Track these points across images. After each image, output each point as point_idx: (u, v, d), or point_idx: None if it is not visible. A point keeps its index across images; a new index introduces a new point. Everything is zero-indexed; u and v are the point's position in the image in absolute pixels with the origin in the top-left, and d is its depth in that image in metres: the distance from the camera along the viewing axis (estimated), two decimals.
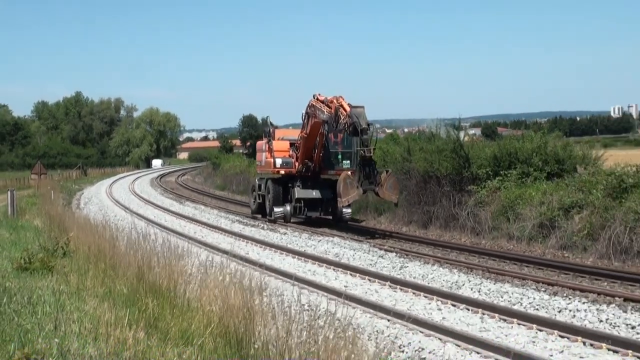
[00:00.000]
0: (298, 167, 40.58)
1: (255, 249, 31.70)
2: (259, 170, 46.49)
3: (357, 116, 32.35)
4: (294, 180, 40.85)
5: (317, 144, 39.48)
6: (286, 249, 30.98)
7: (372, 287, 22.24)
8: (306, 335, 10.61)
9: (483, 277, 23.49)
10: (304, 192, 40.10)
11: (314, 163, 40.24)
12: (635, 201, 26.77)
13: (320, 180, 41.09)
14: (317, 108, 36.54)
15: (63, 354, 9.75)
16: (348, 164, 39.28)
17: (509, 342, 15.17)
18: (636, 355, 14.18)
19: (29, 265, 18.02)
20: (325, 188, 40.12)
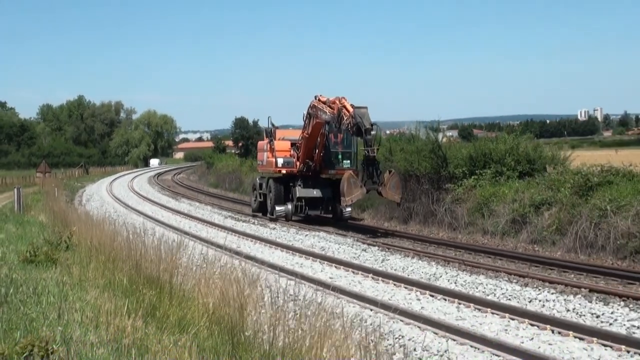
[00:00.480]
0: (299, 167, 39.21)
1: (247, 242, 31.70)
2: (260, 170, 45.11)
3: (360, 116, 31.29)
4: (295, 179, 39.53)
5: (318, 144, 38.28)
6: (275, 243, 31.00)
7: (356, 279, 22.28)
8: (295, 323, 10.65)
9: (459, 270, 23.55)
10: (305, 191, 38.79)
11: (315, 163, 38.91)
12: (599, 199, 26.91)
13: (321, 179, 39.78)
14: (318, 109, 35.33)
15: (66, 341, 9.74)
16: (348, 163, 38.29)
17: (483, 330, 15.23)
18: (600, 342, 14.25)
19: (34, 258, 17.97)
20: (326, 187, 39.01)
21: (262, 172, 44.06)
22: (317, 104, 35.54)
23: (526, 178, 33.22)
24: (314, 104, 36.00)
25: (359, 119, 31.00)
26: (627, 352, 13.55)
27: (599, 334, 14.74)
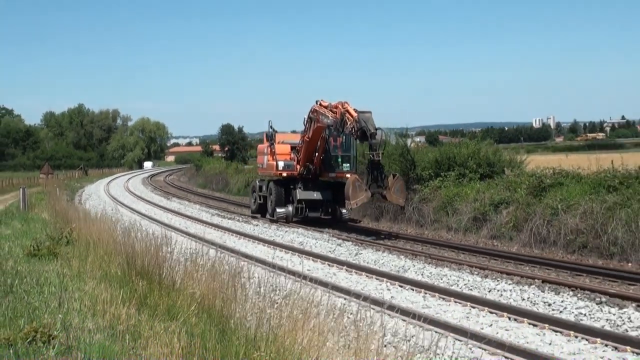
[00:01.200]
0: (299, 170, 37.09)
1: (232, 238, 31.66)
2: (260, 172, 42.41)
3: (365, 121, 29.29)
4: (295, 182, 37.17)
5: (318, 147, 36.24)
6: (258, 238, 30.97)
7: (331, 271, 22.29)
8: (276, 311, 10.65)
9: (425, 262, 23.57)
10: (305, 194, 36.36)
11: (315, 166, 36.89)
12: (552, 198, 27.07)
13: (321, 182, 37.36)
14: (320, 113, 33.27)
15: (66, 328, 9.73)
16: (348, 167, 35.98)
17: (447, 317, 15.27)
18: (552, 328, 14.31)
19: (38, 252, 17.94)
20: (326, 190, 36.72)
21: (262, 175, 41.75)
22: (318, 109, 33.74)
23: (486, 180, 33.34)
24: (315, 108, 34.13)
25: (363, 124, 29.25)
26: (575, 338, 13.61)
27: (550, 320, 14.82)
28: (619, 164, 28.13)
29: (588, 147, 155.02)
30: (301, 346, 8.96)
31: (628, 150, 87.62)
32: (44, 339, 8.98)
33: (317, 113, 33.66)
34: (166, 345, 8.60)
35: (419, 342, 13.04)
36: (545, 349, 12.70)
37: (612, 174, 27.17)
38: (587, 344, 13.21)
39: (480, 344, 12.90)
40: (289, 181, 37.58)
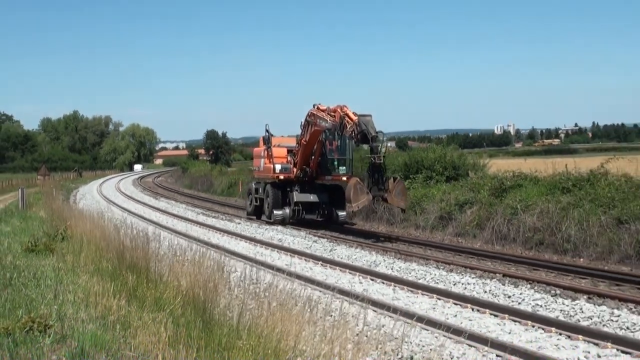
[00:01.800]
0: (296, 173, 34.77)
1: (216, 235, 31.59)
2: (256, 175, 39.38)
3: (365, 124, 27.36)
4: (292, 184, 34.98)
5: (315, 150, 34.01)
6: (240, 235, 30.91)
7: (308, 265, 22.27)
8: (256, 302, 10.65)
9: (395, 258, 23.60)
10: (302, 196, 34.36)
11: (311, 169, 34.60)
12: (511, 199, 27.26)
13: (317, 185, 35.19)
14: (318, 117, 31.24)
15: (61, 318, 9.71)
16: (344, 170, 33.73)
17: (415, 308, 15.29)
18: (511, 318, 14.36)
19: (35, 247, 17.87)
20: (322, 192, 34.72)
21: (259, 178, 38.78)
22: (316, 112, 31.72)
23: (452, 182, 33.58)
24: (312, 112, 32.16)
25: (364, 127, 27.34)
26: (532, 327, 13.67)
27: (510, 311, 14.87)
28: (572, 168, 28.32)
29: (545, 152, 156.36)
30: (280, 335, 8.95)
31: (580, 155, 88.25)
32: (41, 328, 8.97)
33: (314, 117, 31.86)
34: (154, 335, 8.59)
35: (389, 331, 13.06)
36: (505, 338, 12.74)
37: (566, 177, 27.38)
38: (543, 333, 13.28)
39: (445, 333, 12.94)
40: (286, 184, 35.47)
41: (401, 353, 11.75)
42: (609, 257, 22.05)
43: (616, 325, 13.87)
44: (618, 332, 13.22)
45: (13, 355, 7.88)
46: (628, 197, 23.55)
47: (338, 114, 29.12)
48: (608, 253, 22.12)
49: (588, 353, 11.91)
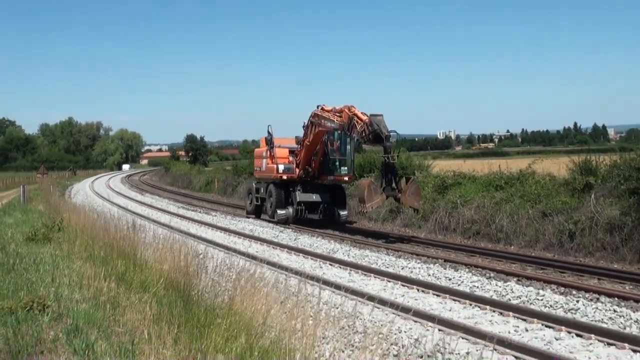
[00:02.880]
0: (299, 173, 31.60)
1: (194, 226, 31.46)
2: (257, 175, 35.50)
3: (377, 124, 24.27)
4: (294, 184, 31.73)
5: (318, 151, 30.86)
6: (216, 226, 30.81)
7: (275, 252, 22.26)
8: (230, 284, 10.64)
9: (351, 246, 23.68)
10: (305, 196, 31.21)
11: (313, 169, 31.27)
12: (452, 195, 27.44)
13: (319, 185, 31.75)
14: (323, 117, 28.06)
15: (57, 299, 9.66)
16: (346, 170, 30.35)
17: (368, 289, 15.35)
18: (451, 298, 14.46)
19: (35, 237, 17.73)
20: (324, 192, 31.49)
21: (260, 178, 35.11)
22: (320, 113, 28.50)
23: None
24: (316, 113, 28.88)
25: (376, 127, 24.18)
26: (470, 305, 13.78)
27: (450, 291, 14.97)
28: (505, 168, 28.59)
29: (481, 155, 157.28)
30: (251, 312, 8.96)
31: (511, 157, 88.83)
32: (40, 307, 8.95)
33: (319, 117, 28.65)
34: (140, 313, 8.57)
35: (344, 309, 13.09)
36: (446, 314, 12.83)
37: (499, 176, 27.63)
38: (479, 310, 13.39)
39: (394, 311, 13.00)
40: (289, 184, 32.13)
41: (355, 328, 11.80)
42: (536, 245, 22.29)
43: (541, 303, 14.03)
44: (543, 309, 13.36)
45: (16, 331, 7.85)
46: (551, 194, 23.82)
47: (346, 114, 26.16)
48: (535, 241, 22.36)
49: (518, 327, 12.04)
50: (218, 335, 7.40)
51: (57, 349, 7.32)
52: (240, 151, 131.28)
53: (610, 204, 21.00)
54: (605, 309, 13.42)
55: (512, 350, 10.37)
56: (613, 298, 14.56)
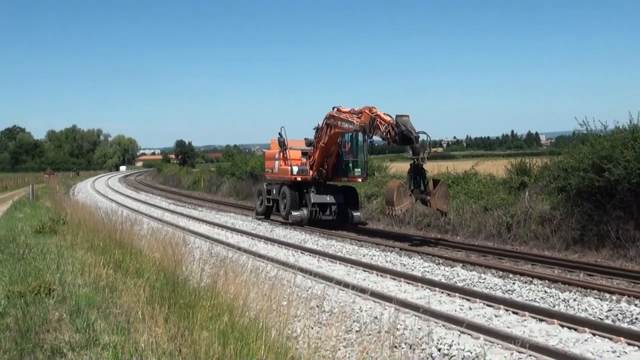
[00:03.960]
0: (313, 174, 28.28)
1: (183, 219, 31.28)
2: (269, 177, 31.48)
3: (404, 124, 21.23)
4: (308, 186, 28.30)
5: (332, 152, 27.83)
6: (202, 220, 30.67)
7: (254, 242, 22.22)
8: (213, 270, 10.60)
9: (319, 236, 23.69)
10: (319, 198, 27.92)
11: (327, 170, 28.29)
12: None
13: (332, 186, 28.88)
14: (340, 119, 24.91)
15: (62, 284, 9.61)
16: (359, 172, 27.68)
17: (334, 274, 15.36)
18: (406, 281, 14.52)
19: (42, 229, 17.62)
20: (338, 193, 28.23)
21: (271, 179, 31.17)
22: (337, 115, 25.29)
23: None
24: (332, 114, 25.66)
25: (403, 127, 21.17)
26: (421, 287, 13.86)
27: (405, 275, 15.04)
28: (452, 169, 28.77)
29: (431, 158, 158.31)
30: (232, 295, 8.93)
31: (458, 160, 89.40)
32: (46, 291, 8.93)
33: (335, 119, 25.47)
34: (135, 295, 8.53)
35: (314, 291, 13.09)
36: (402, 295, 12.88)
37: (447, 176, 27.74)
38: (429, 292, 13.46)
39: (356, 292, 13.03)
40: (302, 185, 28.59)
41: (323, 307, 11.81)
42: (478, 235, 22.45)
43: (483, 285, 14.15)
44: (484, 290, 13.48)
45: (25, 312, 7.82)
46: (492, 191, 24.00)
47: (367, 115, 23.00)
48: (477, 232, 22.53)
49: (463, 306, 12.14)
50: (203, 315, 7.38)
51: (61, 327, 7.29)
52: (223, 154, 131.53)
53: (542, 200, 21.21)
54: (537, 290, 13.57)
55: (456, 325, 10.46)
56: (544, 281, 14.75)
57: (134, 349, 6.20)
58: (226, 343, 6.10)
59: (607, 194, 18.35)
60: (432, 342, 9.68)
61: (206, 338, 6.29)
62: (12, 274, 10.52)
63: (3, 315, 7.83)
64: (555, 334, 10.13)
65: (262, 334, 6.63)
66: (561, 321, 10.68)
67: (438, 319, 10.81)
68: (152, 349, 6.12)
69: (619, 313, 11.35)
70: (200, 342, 6.11)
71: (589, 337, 9.91)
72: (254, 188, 32.35)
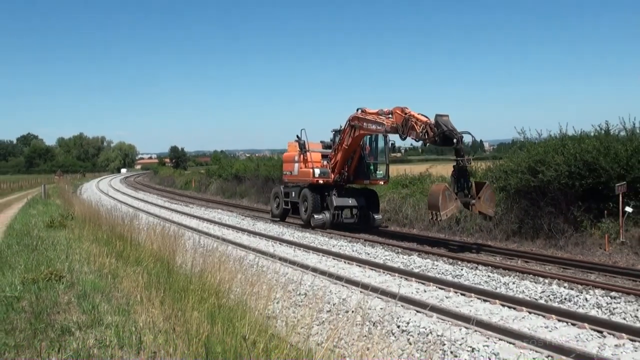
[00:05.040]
0: (335, 177, 24.50)
1: (176, 215, 31.01)
2: (287, 179, 27.21)
3: (445, 124, 17.87)
4: (329, 189, 24.46)
5: (354, 155, 24.14)
6: (193, 215, 30.43)
7: (238, 234, 22.12)
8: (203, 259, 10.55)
9: (295, 229, 23.63)
10: (341, 201, 24.29)
11: (348, 173, 24.49)
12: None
13: (353, 189, 25.18)
14: (366, 120, 21.50)
15: (70, 271, 9.52)
16: (381, 174, 24.30)
17: (308, 262, 15.36)
18: (370, 268, 14.58)
19: (53, 224, 17.41)
20: (359, 196, 24.56)
21: (290, 182, 27.00)
22: (362, 116, 21.81)
23: None
24: (357, 116, 22.10)
25: (444, 127, 17.79)
26: (383, 273, 13.92)
27: (369, 263, 15.08)
28: (409, 172, 28.92)
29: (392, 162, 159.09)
30: (219, 281, 8.90)
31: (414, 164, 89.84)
32: (57, 278, 8.85)
33: (360, 120, 21.92)
34: (134, 281, 8.47)
35: (290, 277, 13.08)
36: (366, 280, 12.91)
37: (404, 177, 27.87)
38: (389, 277, 13.53)
39: (328, 278, 13.05)
40: (323, 188, 24.73)
41: (299, 291, 11.81)
42: (432, 228, 22.57)
43: (436, 271, 14.23)
44: (437, 275, 13.56)
45: (38, 296, 7.75)
46: None
47: (399, 116, 19.68)
48: (431, 226, 22.62)
49: (418, 289, 12.21)
50: (194, 298, 7.34)
51: (70, 309, 7.23)
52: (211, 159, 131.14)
53: None
54: (482, 274, 13.70)
55: (413, 305, 10.52)
56: (488, 267, 14.89)
57: (133, 328, 6.16)
58: (214, 322, 6.07)
59: (541, 192, 18.58)
60: (393, 320, 9.72)
61: (197, 318, 6.26)
62: (27, 263, 10.41)
63: (19, 299, 7.74)
64: (497, 312, 10.23)
65: (245, 314, 6.62)
66: (502, 301, 10.80)
67: (397, 300, 10.86)
68: (149, 327, 6.07)
69: (551, 294, 11.50)
70: (191, 322, 6.08)
71: (525, 315, 10.03)
72: (273, 190, 28.51)
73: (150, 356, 5.20)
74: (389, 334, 9.19)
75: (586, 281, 12.64)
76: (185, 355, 5.05)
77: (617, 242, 16.13)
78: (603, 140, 17.84)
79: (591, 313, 10.03)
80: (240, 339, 5.22)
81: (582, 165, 17.38)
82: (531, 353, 8.00)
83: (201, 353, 5.11)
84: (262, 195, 38.48)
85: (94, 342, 5.77)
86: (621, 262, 15.08)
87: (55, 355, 5.37)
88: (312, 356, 5.24)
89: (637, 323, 9.51)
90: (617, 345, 8.33)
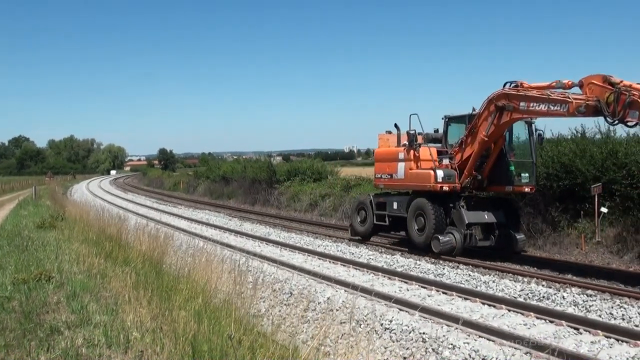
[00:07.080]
0: (464, 182, 16.40)
1: (165, 216, 30.83)
2: (384, 184, 18.55)
3: None
4: (453, 199, 16.55)
5: (492, 151, 16.13)
6: (181, 216, 30.30)
7: (225, 235, 22.05)
8: (191, 259, 10.51)
9: (281, 230, 23.58)
10: (474, 215, 16.27)
11: (484, 176, 16.45)
12: (355, 192, 27.55)
13: (485, 199, 17.26)
14: (529, 98, 13.59)
15: (60, 271, 9.40)
16: (527, 178, 16.12)
17: (294, 262, 15.35)
18: (354, 267, 14.59)
19: (43, 225, 17.25)
20: (497, 209, 16.59)
21: (390, 188, 18.66)
22: (520, 92, 13.93)
23: (317, 182, 33.75)
24: (508, 92, 14.27)
25: None
26: (367, 272, 13.92)
27: (354, 262, 15.08)
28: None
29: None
30: (205, 280, 8.87)
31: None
32: (46, 278, 8.76)
33: (518, 98, 14.02)
34: (123, 281, 8.41)
35: (277, 277, 13.07)
36: (350, 279, 12.92)
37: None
38: (373, 276, 13.54)
39: (312, 277, 13.04)
40: (446, 198, 16.67)
41: (284, 290, 11.80)
42: None
43: (419, 270, 14.28)
44: (419, 274, 13.60)
45: (28, 296, 7.67)
46: None
47: (599, 88, 12.18)
48: None
49: (401, 287, 12.24)
50: (181, 297, 7.31)
51: (59, 309, 7.16)
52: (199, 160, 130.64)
53: None
54: (462, 274, 13.75)
55: (396, 304, 10.54)
56: (468, 266, 14.95)
57: (121, 327, 6.11)
58: (201, 321, 6.05)
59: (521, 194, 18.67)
60: (376, 318, 9.73)
61: (184, 317, 6.23)
62: (17, 263, 10.29)
63: (9, 299, 7.65)
64: (477, 310, 10.28)
65: (231, 312, 6.59)
66: (482, 299, 10.85)
67: (381, 298, 10.88)
68: (137, 326, 6.03)
69: (529, 292, 11.58)
70: (178, 320, 6.05)
71: (505, 313, 10.09)
72: (357, 200, 20.70)
73: (138, 355, 5.16)
74: (373, 332, 9.20)
75: (563, 280, 12.74)
76: (172, 354, 5.02)
77: (593, 242, 16.25)
78: (579, 143, 18.02)
79: (568, 311, 10.10)
80: (226, 337, 5.20)
81: (560, 167, 17.50)
82: (510, 350, 8.04)
83: (188, 352, 5.08)
84: (249, 197, 38.39)
85: (82, 341, 5.72)
86: (597, 261, 15.23)
87: (44, 355, 5.32)
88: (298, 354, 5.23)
89: (612, 320, 9.59)
90: (592, 341, 8.40)
